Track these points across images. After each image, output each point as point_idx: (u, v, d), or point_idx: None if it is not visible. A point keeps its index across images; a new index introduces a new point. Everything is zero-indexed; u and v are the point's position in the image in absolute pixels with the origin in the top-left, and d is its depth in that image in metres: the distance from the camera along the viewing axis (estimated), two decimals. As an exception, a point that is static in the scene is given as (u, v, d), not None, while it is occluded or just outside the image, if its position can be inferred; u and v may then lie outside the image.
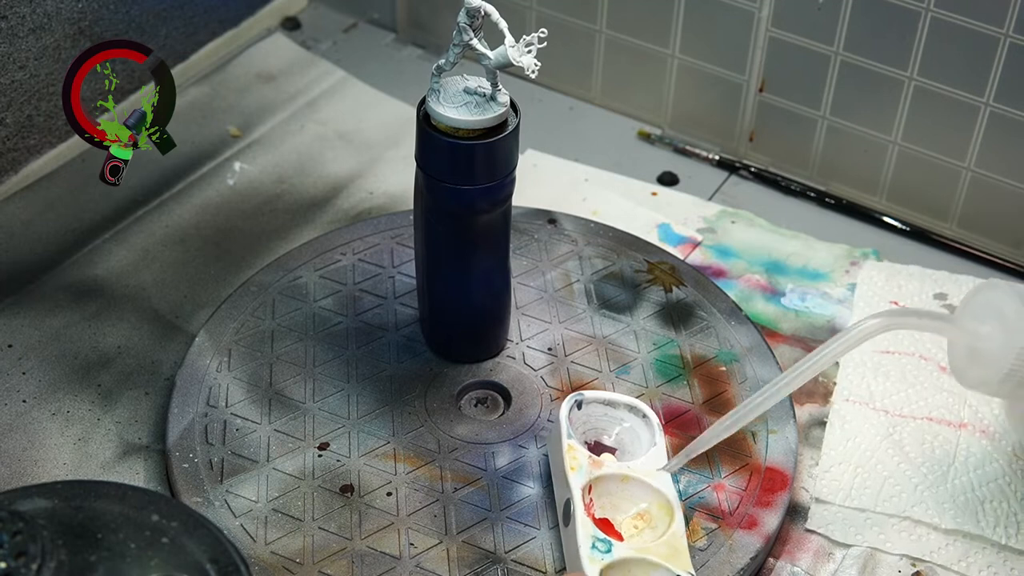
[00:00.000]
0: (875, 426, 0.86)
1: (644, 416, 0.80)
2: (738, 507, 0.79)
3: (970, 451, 0.85)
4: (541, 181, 1.03)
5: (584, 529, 0.73)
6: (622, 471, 0.77)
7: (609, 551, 0.72)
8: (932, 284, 0.95)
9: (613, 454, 0.79)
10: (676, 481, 0.80)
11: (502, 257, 0.84)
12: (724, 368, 0.87)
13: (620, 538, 0.75)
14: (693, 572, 0.73)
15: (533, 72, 0.74)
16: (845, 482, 0.83)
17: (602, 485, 0.76)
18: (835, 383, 0.89)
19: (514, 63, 0.74)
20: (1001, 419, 0.86)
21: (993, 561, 0.80)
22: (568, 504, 0.75)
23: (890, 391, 0.88)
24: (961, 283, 0.96)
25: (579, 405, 0.79)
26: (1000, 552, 0.80)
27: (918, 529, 0.81)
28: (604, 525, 0.75)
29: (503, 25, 0.74)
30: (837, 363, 0.90)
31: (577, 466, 0.76)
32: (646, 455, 0.78)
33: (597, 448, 0.80)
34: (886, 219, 1.03)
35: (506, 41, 0.74)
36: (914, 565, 0.79)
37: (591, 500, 0.76)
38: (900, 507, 0.82)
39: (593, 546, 0.73)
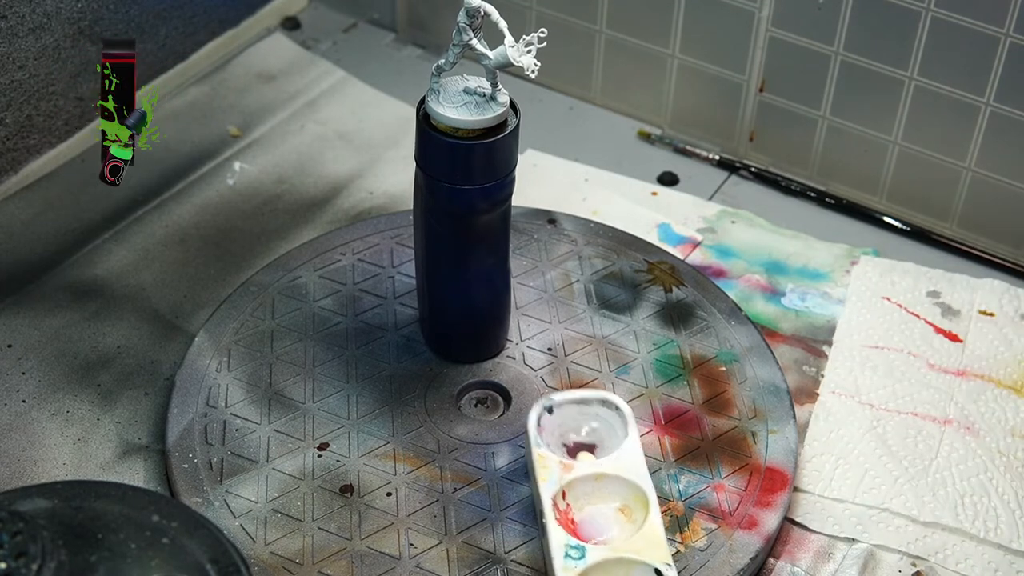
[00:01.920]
0: (859, 419, 0.86)
1: (617, 408, 0.79)
2: (738, 507, 0.79)
3: (953, 446, 0.85)
4: (541, 181, 1.03)
5: (557, 539, 0.73)
6: (594, 470, 0.76)
7: (583, 557, 0.72)
8: (926, 282, 0.95)
9: (593, 451, 0.79)
10: (676, 481, 0.80)
11: (502, 257, 0.84)
12: (724, 368, 0.87)
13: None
14: (671, 563, 0.72)
15: (533, 72, 0.74)
16: (825, 472, 0.83)
17: (577, 487, 0.76)
18: (823, 376, 0.89)
19: (514, 63, 0.74)
20: (987, 416, 0.86)
21: (971, 554, 0.80)
22: (541, 514, 0.75)
23: (877, 385, 0.88)
24: (955, 281, 0.96)
25: (550, 410, 0.79)
26: (979, 545, 0.80)
27: (896, 521, 0.81)
28: (587, 525, 0.75)
29: (503, 25, 0.74)
30: (827, 356, 0.90)
31: (547, 476, 0.76)
32: (619, 449, 0.78)
33: (577, 448, 0.79)
34: (886, 219, 1.02)
35: (506, 41, 0.74)
36: (914, 564, 0.79)
37: (568, 505, 0.76)
38: (879, 499, 0.82)
39: (566, 555, 0.73)
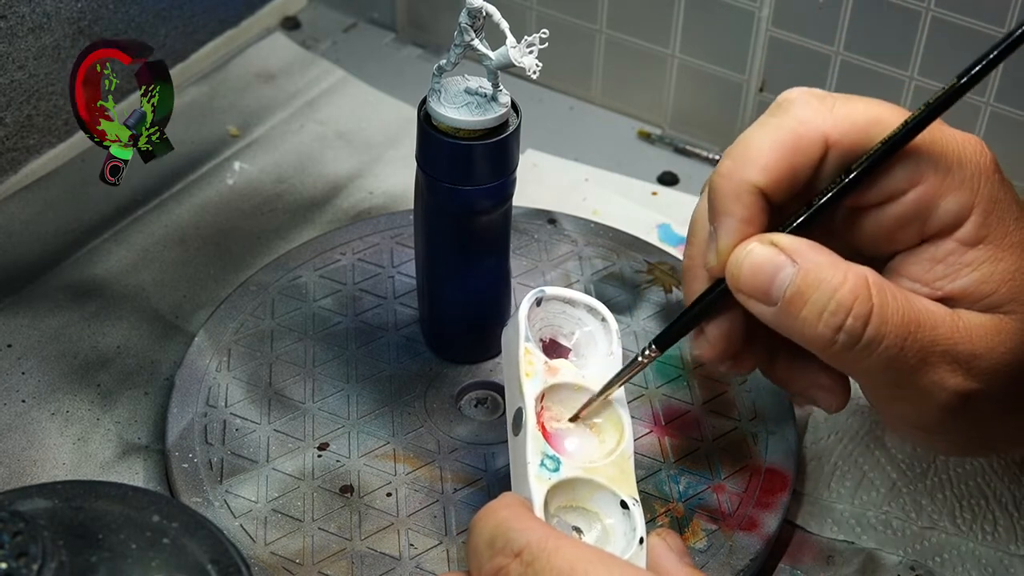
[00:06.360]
0: (859, 421, 0.86)
1: (603, 320, 0.76)
2: (738, 508, 0.79)
3: None
4: (541, 181, 1.03)
5: (534, 444, 0.69)
6: (578, 381, 0.73)
7: (557, 470, 0.69)
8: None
9: (567, 356, 0.76)
10: (676, 482, 0.80)
11: (502, 257, 0.84)
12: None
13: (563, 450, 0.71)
14: (637, 498, 0.69)
15: (534, 73, 0.74)
16: (824, 475, 0.83)
17: (555, 393, 0.73)
18: None
19: (515, 64, 0.74)
20: None
21: (967, 558, 0.80)
22: (519, 413, 0.71)
23: None
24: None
25: (539, 302, 0.75)
26: (976, 550, 0.80)
27: (894, 524, 0.81)
28: (553, 436, 0.73)
29: (504, 25, 0.74)
30: None
31: (533, 372, 0.72)
32: (602, 364, 0.74)
33: (552, 346, 0.76)
34: (886, 219, 1.02)
35: (507, 41, 0.74)
36: (913, 569, 0.79)
37: (542, 408, 0.72)
38: (877, 502, 0.82)
39: (542, 463, 0.69)
